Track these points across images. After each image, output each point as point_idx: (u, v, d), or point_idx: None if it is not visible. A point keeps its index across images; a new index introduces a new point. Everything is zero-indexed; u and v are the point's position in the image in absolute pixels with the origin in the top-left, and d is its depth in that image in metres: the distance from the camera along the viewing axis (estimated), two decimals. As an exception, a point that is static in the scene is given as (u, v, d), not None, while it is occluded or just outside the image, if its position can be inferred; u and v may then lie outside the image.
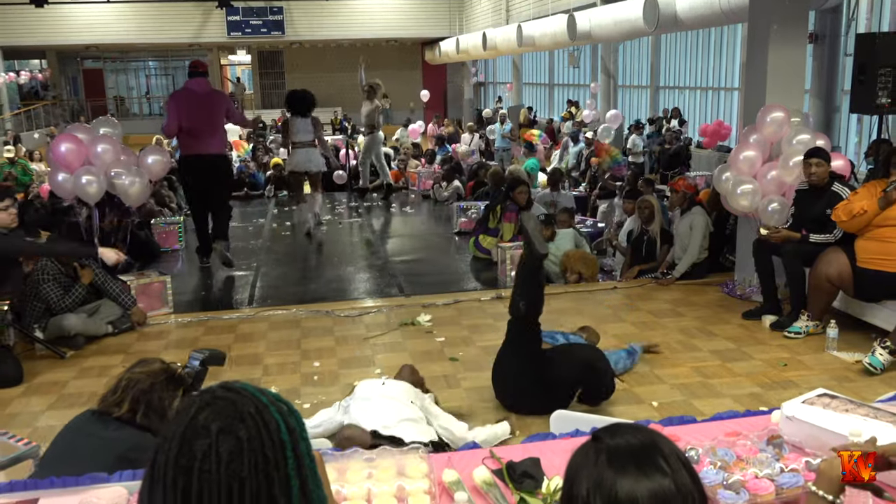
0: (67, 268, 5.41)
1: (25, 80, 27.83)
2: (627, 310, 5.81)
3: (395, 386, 3.46)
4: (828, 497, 1.68)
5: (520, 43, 17.44)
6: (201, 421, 1.21)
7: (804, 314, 5.06)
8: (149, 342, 5.40)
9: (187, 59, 30.73)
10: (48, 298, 5.26)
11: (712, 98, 16.11)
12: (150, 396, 2.58)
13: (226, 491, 1.17)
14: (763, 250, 5.41)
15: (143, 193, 6.45)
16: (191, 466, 1.18)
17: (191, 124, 7.15)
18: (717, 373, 4.55)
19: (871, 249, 4.72)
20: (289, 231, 9.95)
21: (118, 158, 6.29)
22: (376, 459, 2.42)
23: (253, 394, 1.26)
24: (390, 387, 3.43)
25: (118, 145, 6.43)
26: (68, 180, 6.10)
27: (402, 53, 29.35)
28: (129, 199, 6.43)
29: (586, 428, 2.59)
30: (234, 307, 6.37)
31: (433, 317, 5.67)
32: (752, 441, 2.40)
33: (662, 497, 1.18)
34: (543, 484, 2.24)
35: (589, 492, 1.20)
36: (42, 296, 5.27)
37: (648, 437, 1.26)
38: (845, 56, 11.43)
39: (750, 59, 6.22)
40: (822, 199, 5.17)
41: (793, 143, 5.65)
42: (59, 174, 6.18)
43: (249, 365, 4.87)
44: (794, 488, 2.16)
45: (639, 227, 6.98)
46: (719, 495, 2.12)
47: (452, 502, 2.12)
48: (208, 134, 7.24)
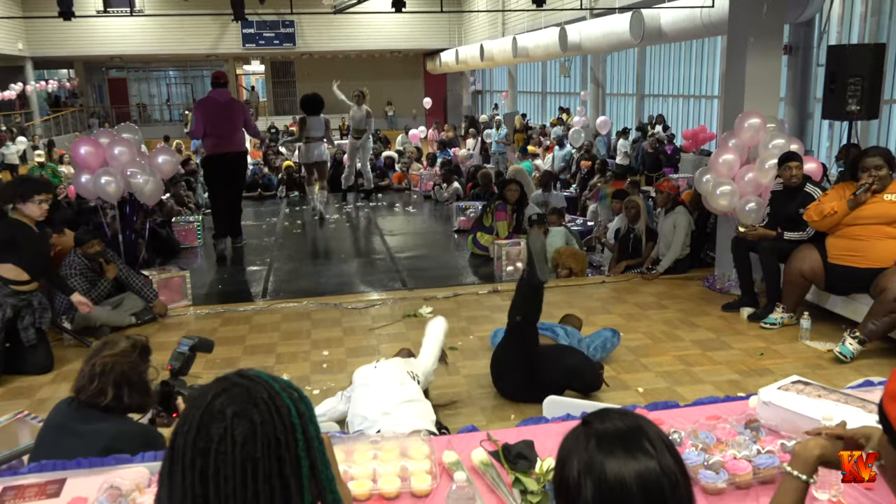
0: (93, 263, 5.41)
1: (54, 88, 27.81)
2: (615, 302, 5.81)
3: (386, 366, 3.34)
4: (801, 476, 1.68)
5: (515, 54, 17.43)
6: (217, 406, 1.20)
7: (779, 306, 5.06)
8: (169, 332, 5.39)
9: (205, 69, 30.80)
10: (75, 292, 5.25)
11: (694, 105, 16.09)
12: (131, 377, 2.47)
13: (240, 471, 1.17)
14: (741, 247, 5.41)
15: (157, 191, 6.48)
16: (208, 448, 1.18)
17: (213, 128, 7.88)
18: (699, 361, 4.54)
19: (841, 246, 4.71)
20: (300, 229, 9.93)
21: (133, 159, 6.30)
22: (381, 442, 2.42)
23: (266, 381, 1.26)
24: (382, 369, 3.31)
25: (134, 147, 6.46)
26: (90, 181, 6.12)
27: (406, 64, 29.33)
28: (143, 197, 6.44)
29: (577, 412, 2.58)
30: (248, 300, 6.36)
31: (434, 309, 5.67)
32: (730, 425, 2.40)
33: (648, 477, 1.18)
34: (537, 464, 2.24)
35: (580, 473, 1.20)
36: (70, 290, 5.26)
37: (634, 422, 1.25)
38: (817, 66, 11.42)
39: (729, 69, 6.20)
40: (795, 199, 5.17)
41: (769, 147, 5.64)
42: (82, 176, 6.20)
43: (263, 354, 4.87)
44: (770, 468, 2.16)
45: (625, 225, 6.97)
46: (700, 475, 2.12)
47: (452, 482, 2.11)
48: (228, 136, 7.96)
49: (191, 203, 10.35)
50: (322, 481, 1.25)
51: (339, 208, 11.46)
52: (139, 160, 6.39)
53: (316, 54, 26.92)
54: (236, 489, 1.17)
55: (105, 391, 2.42)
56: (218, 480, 1.17)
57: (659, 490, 1.18)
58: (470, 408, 3.94)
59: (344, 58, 27.63)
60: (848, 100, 6.69)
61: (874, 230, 4.57)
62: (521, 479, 2.18)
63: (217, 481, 1.17)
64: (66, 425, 2.45)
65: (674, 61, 16.67)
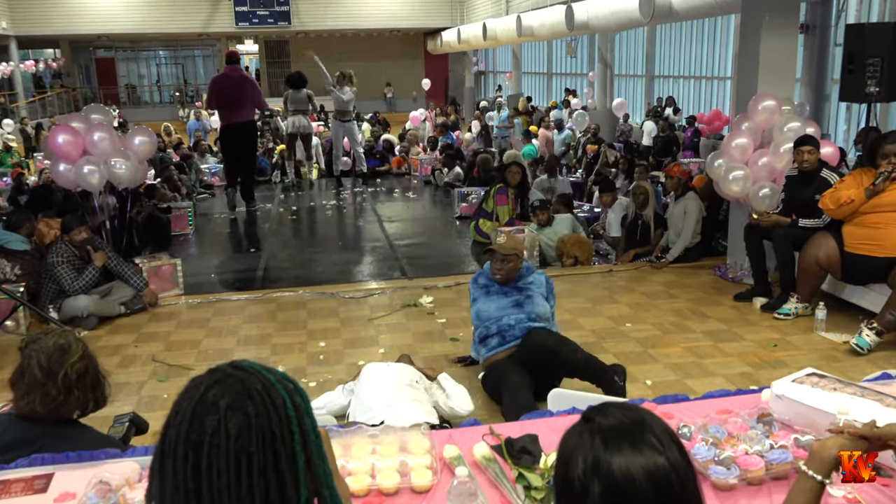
0: (81, 250, 5.41)
1: (41, 69, 27.73)
2: (622, 292, 5.80)
3: (399, 368, 3.47)
4: (817, 477, 1.67)
5: (519, 33, 17.35)
6: (210, 398, 1.20)
7: (793, 296, 5.05)
8: (160, 323, 5.40)
9: (196, 48, 30.70)
10: (62, 280, 5.26)
11: (706, 87, 16.05)
12: (85, 380, 2.40)
13: (234, 465, 1.17)
14: (754, 235, 5.40)
15: (138, 175, 6.51)
16: (201, 441, 1.17)
17: (225, 101, 9.42)
18: (710, 353, 4.55)
19: (858, 235, 4.70)
20: (295, 216, 9.93)
21: (115, 146, 6.30)
22: (380, 436, 2.42)
23: (260, 372, 1.26)
24: (394, 369, 3.44)
25: (113, 132, 6.49)
26: (70, 171, 6.09)
27: (405, 43, 29.20)
28: (123, 184, 6.47)
29: (583, 406, 2.57)
30: (242, 289, 6.36)
31: (434, 298, 5.67)
32: (742, 419, 2.39)
33: (657, 473, 1.18)
34: (541, 459, 2.24)
35: (585, 473, 1.19)
36: (56, 277, 5.28)
37: (638, 416, 1.25)
38: (835, 46, 11.36)
39: (743, 48, 6.17)
40: (811, 184, 5.15)
41: (783, 130, 5.62)
42: (59, 165, 6.16)
43: (258, 345, 4.87)
44: (783, 464, 2.16)
45: (633, 212, 6.95)
46: (711, 470, 2.12)
47: (453, 477, 2.12)
48: (238, 107, 9.41)
49: (183, 189, 10.34)
50: (318, 476, 1.25)
51: (336, 194, 11.45)
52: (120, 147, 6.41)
53: (312, 33, 26.79)
54: (230, 483, 1.17)
55: (63, 404, 2.36)
56: (211, 474, 1.17)
57: (668, 485, 1.18)
58: (472, 400, 3.94)
59: (341, 37, 27.51)
60: (867, 81, 6.64)
61: (893, 217, 4.55)
62: (525, 474, 2.19)
63: (210, 475, 1.17)
64: (13, 447, 2.34)
65: (685, 41, 16.61)
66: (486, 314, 3.92)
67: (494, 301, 3.93)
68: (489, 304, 3.93)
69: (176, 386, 4.22)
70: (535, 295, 3.95)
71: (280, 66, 30.04)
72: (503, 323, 3.85)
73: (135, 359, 4.72)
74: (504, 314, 3.87)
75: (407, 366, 3.56)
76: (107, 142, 6.27)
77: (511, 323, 3.84)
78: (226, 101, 9.38)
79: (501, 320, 3.86)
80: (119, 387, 4.27)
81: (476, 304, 4.01)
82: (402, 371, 3.43)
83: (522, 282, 3.99)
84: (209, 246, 8.43)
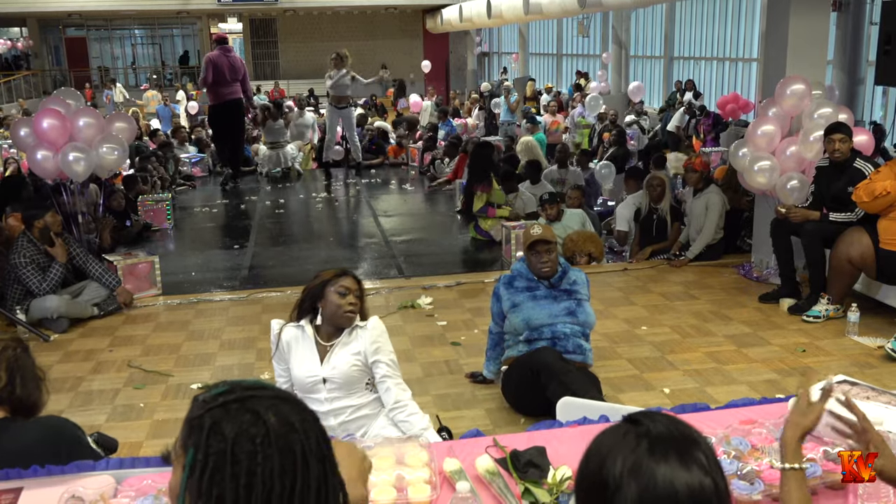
0: (43, 244, 5.35)
1: (5, 49, 27.70)
2: (638, 292, 5.81)
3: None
4: (795, 466, 1.78)
5: (526, 11, 17.32)
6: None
7: (824, 297, 5.06)
8: (136, 325, 5.41)
9: (175, 27, 30.63)
10: (27, 282, 5.25)
11: (729, 69, 16.01)
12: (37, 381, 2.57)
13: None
14: (781, 230, 5.40)
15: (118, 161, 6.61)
16: None
17: (217, 78, 10.76)
18: (732, 358, 4.56)
19: (894, 230, 4.71)
20: (282, 210, 9.94)
21: (103, 132, 6.31)
22: (374, 448, 2.43)
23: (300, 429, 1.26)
24: None
25: (101, 117, 6.48)
26: (49, 158, 6.07)
27: (402, 21, 29.15)
28: (103, 172, 6.48)
29: (595, 416, 2.59)
30: (225, 288, 6.38)
31: (434, 299, 5.68)
32: (767, 429, 2.40)
33: (700, 494, 1.20)
34: (549, 474, 2.25)
35: (622, 475, 1.21)
36: (20, 280, 5.27)
37: (688, 430, 1.28)
38: (870, 25, 11.34)
39: (770, 27, 6.18)
40: (843, 175, 5.14)
41: (814, 117, 5.63)
42: (38, 152, 6.13)
43: (242, 349, 4.88)
44: (812, 479, 2.16)
45: (647, 205, 6.90)
46: (733, 486, 2.13)
47: (454, 492, 2.13)
48: (229, 85, 10.89)
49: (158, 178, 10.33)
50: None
51: (326, 186, 11.46)
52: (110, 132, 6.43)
53: (301, 10, 26.74)
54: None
55: (34, 406, 2.54)
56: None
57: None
58: (474, 410, 3.96)
59: (333, 14, 27.47)
60: (904, 63, 6.64)
61: (932, 211, 4.56)
62: (532, 489, 2.19)
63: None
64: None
65: (707, 19, 16.57)
66: (538, 321, 3.89)
67: (545, 307, 3.91)
68: (539, 310, 3.91)
69: (153, 393, 4.24)
70: (584, 301, 3.99)
71: (266, 45, 30.01)
72: (558, 330, 3.88)
73: (109, 364, 4.73)
74: (558, 321, 3.90)
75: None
76: (94, 128, 6.26)
77: (566, 332, 3.88)
78: (221, 79, 10.74)
79: (556, 327, 3.88)
80: (92, 394, 4.29)
81: (520, 311, 3.93)
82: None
83: (566, 282, 4.01)
84: (190, 242, 8.45)
